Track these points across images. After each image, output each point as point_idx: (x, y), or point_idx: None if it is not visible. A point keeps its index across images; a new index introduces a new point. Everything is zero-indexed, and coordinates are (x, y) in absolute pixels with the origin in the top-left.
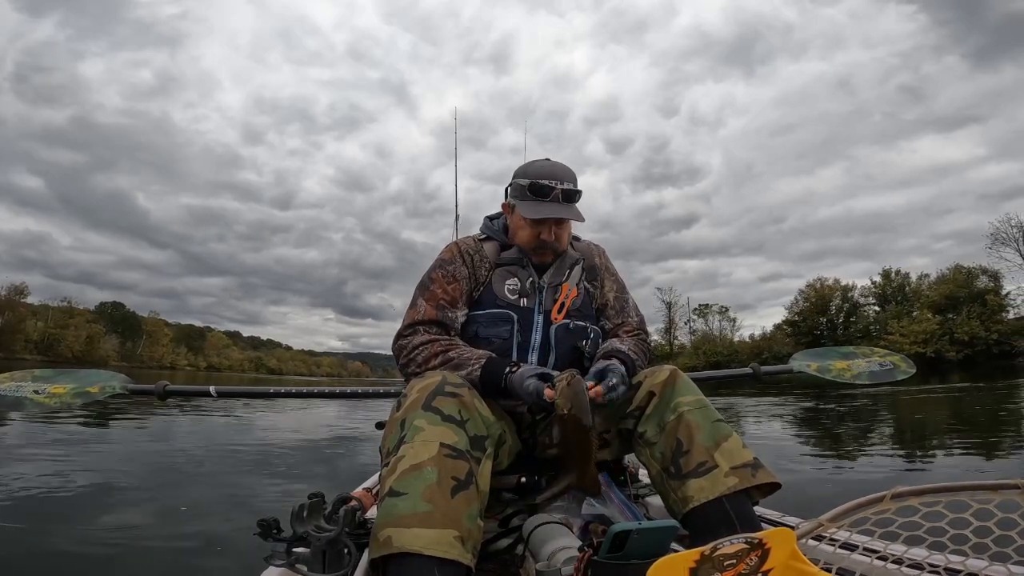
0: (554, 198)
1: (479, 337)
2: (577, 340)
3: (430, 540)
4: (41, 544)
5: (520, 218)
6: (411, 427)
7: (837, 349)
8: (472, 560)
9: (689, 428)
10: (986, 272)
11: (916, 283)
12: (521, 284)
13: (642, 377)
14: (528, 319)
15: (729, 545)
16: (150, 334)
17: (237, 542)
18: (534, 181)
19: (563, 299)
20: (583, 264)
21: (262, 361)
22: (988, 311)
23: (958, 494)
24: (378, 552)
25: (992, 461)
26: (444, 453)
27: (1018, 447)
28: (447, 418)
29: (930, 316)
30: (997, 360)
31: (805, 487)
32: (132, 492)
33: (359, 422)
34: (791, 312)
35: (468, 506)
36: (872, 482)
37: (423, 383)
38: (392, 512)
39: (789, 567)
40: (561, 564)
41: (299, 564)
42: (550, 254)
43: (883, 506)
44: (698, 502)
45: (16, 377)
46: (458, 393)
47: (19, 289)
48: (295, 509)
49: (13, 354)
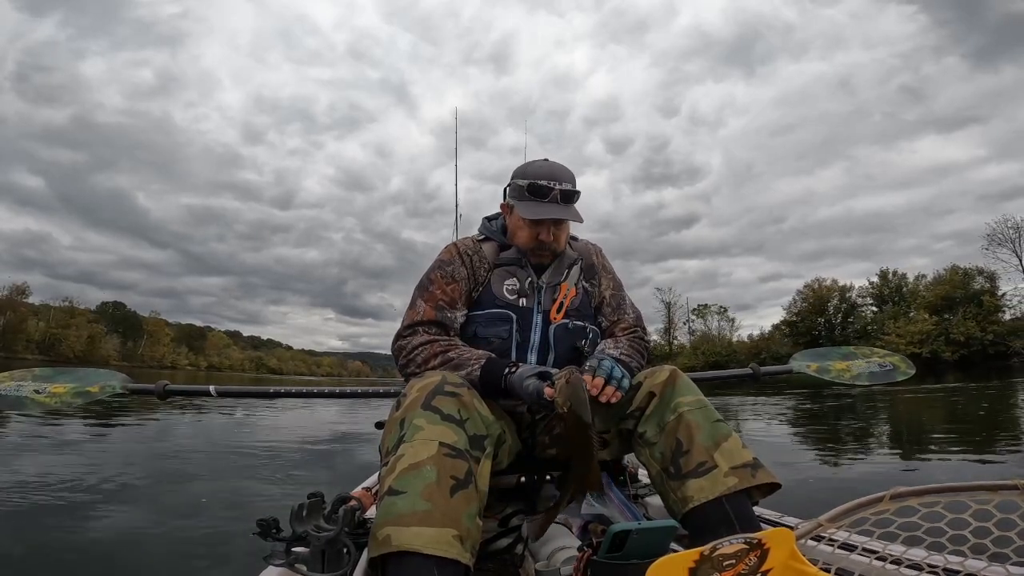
0: (553, 199)
1: (478, 337)
2: (576, 340)
3: (429, 539)
4: (41, 544)
5: (519, 219)
6: (410, 426)
7: (837, 350)
8: (471, 559)
9: (689, 428)
10: (982, 273)
11: (913, 284)
12: (520, 284)
13: (642, 377)
14: (527, 319)
15: (728, 545)
16: (151, 334)
17: (237, 542)
18: (533, 182)
19: (562, 299)
20: (581, 264)
21: (263, 361)
22: (984, 312)
23: (957, 495)
24: (377, 551)
25: (988, 464)
26: (443, 452)
27: (1014, 448)
28: (446, 417)
29: (926, 317)
30: (993, 361)
31: (803, 487)
32: (132, 492)
33: (359, 422)
34: (789, 312)
35: (467, 505)
36: (871, 482)
37: (423, 382)
38: (391, 511)
39: (788, 567)
40: (560, 564)
41: (298, 564)
42: (548, 255)
43: (882, 506)
44: (698, 502)
45: (16, 376)
46: (457, 392)
47: (20, 289)
48: (294, 509)
49: (15, 354)
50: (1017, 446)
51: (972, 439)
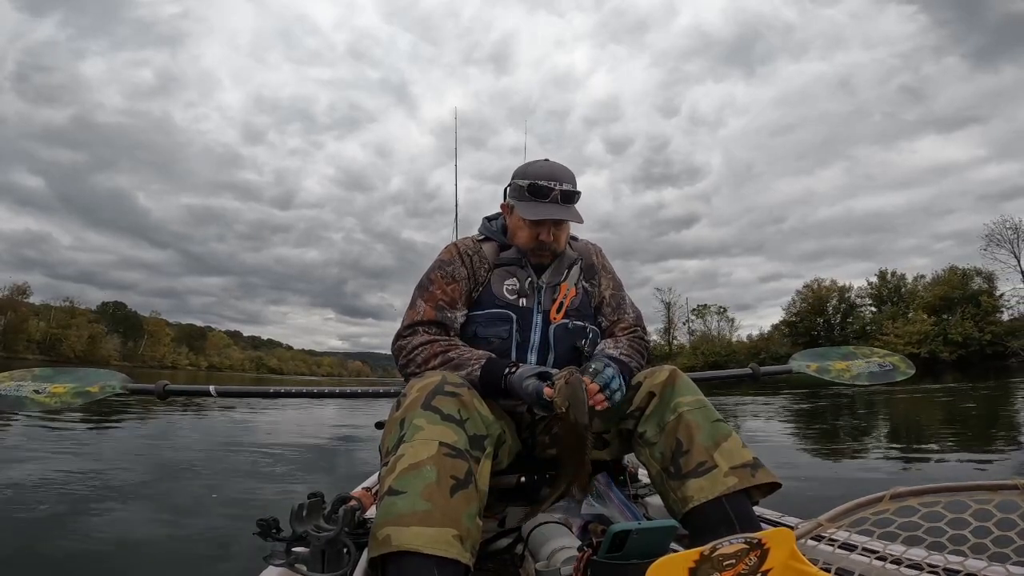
0: (553, 199)
1: (478, 337)
2: (576, 339)
3: (429, 539)
4: (41, 544)
5: (519, 219)
6: (411, 426)
7: (836, 349)
8: (471, 559)
9: (689, 428)
10: (980, 274)
11: (912, 284)
12: (520, 284)
13: (642, 377)
14: (527, 319)
15: (728, 545)
16: (152, 334)
17: (237, 542)
18: (533, 182)
19: (561, 299)
20: (581, 264)
21: (263, 361)
22: (982, 312)
23: (957, 494)
24: (377, 551)
25: (986, 463)
26: (443, 452)
27: (1013, 447)
28: (447, 417)
29: (924, 317)
30: (991, 361)
31: (803, 487)
32: (132, 492)
33: (359, 422)
34: (788, 313)
35: (467, 505)
36: (870, 481)
37: (423, 382)
38: (391, 511)
39: (788, 567)
40: (560, 564)
41: (299, 564)
42: (548, 255)
43: (882, 506)
44: (698, 502)
45: (16, 376)
46: (458, 393)
47: (22, 289)
48: (294, 509)
49: (16, 354)
50: (1014, 446)
51: (969, 439)
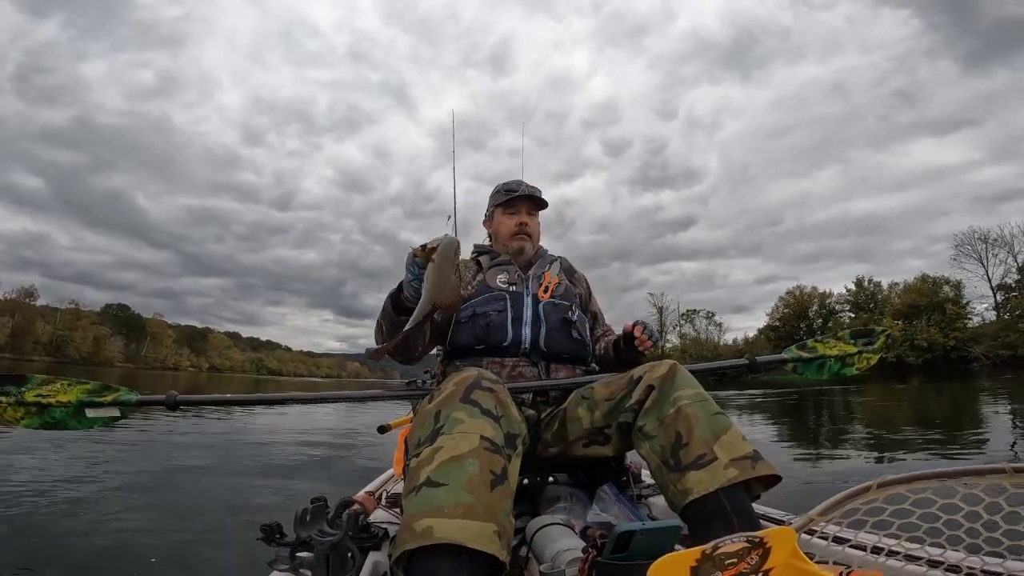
0: (522, 191)
1: (476, 314)
2: (564, 313)
3: (473, 532)
4: (42, 547)
5: (499, 216)
6: (449, 419)
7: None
8: (507, 557)
9: (688, 421)
10: (948, 282)
11: (887, 291)
12: (510, 276)
13: (642, 371)
14: (519, 300)
15: (730, 544)
16: (154, 335)
17: (240, 547)
18: (506, 185)
19: (547, 283)
20: (560, 263)
21: (263, 362)
22: (947, 319)
23: (945, 480)
24: (416, 542)
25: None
26: (484, 446)
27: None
28: (485, 412)
29: (895, 323)
30: (956, 365)
31: (787, 481)
32: (134, 496)
33: (359, 424)
34: (772, 317)
35: (503, 502)
36: (851, 472)
37: (459, 376)
38: (431, 503)
39: (790, 566)
40: (565, 565)
41: (303, 569)
42: (528, 242)
43: (871, 496)
44: (698, 494)
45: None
46: (494, 389)
47: (29, 292)
48: (298, 513)
49: (24, 355)
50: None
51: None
